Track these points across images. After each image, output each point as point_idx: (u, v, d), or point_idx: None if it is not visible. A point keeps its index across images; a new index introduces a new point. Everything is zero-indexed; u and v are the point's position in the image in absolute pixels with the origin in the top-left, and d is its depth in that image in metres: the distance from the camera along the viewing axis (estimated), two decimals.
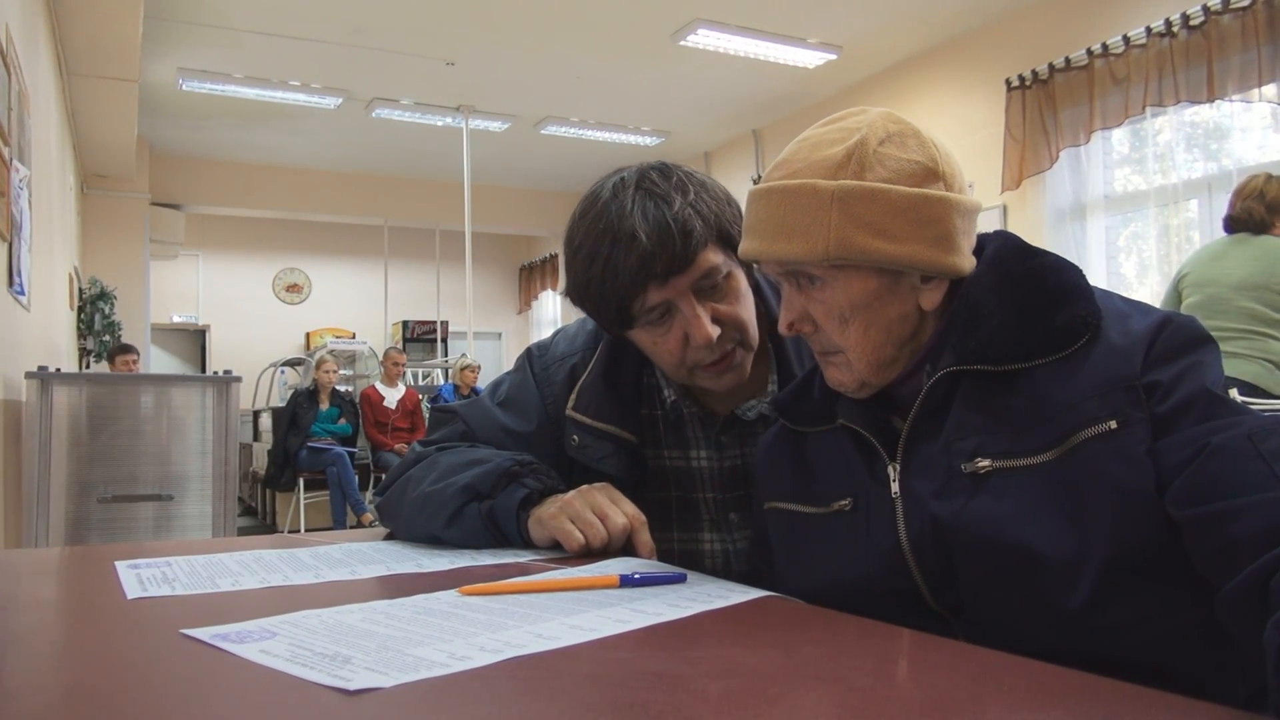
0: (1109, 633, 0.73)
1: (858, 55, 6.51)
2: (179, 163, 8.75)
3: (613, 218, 1.01)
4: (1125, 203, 5.50)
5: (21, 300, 3.45)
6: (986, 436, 0.81)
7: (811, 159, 0.84)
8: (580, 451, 1.12)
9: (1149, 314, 0.82)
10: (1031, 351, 0.81)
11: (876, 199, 0.81)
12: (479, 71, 6.76)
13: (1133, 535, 0.73)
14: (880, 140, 0.84)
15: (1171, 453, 0.74)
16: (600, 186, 1.06)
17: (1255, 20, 4.51)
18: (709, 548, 1.14)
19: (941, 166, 0.84)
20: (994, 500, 0.79)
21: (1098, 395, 0.77)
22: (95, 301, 7.08)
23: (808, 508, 0.93)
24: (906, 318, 0.86)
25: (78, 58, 5.18)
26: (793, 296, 0.88)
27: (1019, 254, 0.88)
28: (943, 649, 0.62)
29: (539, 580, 0.80)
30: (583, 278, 1.04)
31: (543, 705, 0.48)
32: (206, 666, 0.55)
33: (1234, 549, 0.66)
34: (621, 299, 1.01)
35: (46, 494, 3.44)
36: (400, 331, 10.97)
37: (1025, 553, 0.76)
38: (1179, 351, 0.78)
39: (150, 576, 0.83)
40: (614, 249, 0.99)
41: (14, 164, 3.16)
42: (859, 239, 0.81)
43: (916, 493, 0.84)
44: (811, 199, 0.82)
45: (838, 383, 0.90)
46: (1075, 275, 0.85)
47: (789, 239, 0.83)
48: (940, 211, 0.83)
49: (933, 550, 0.81)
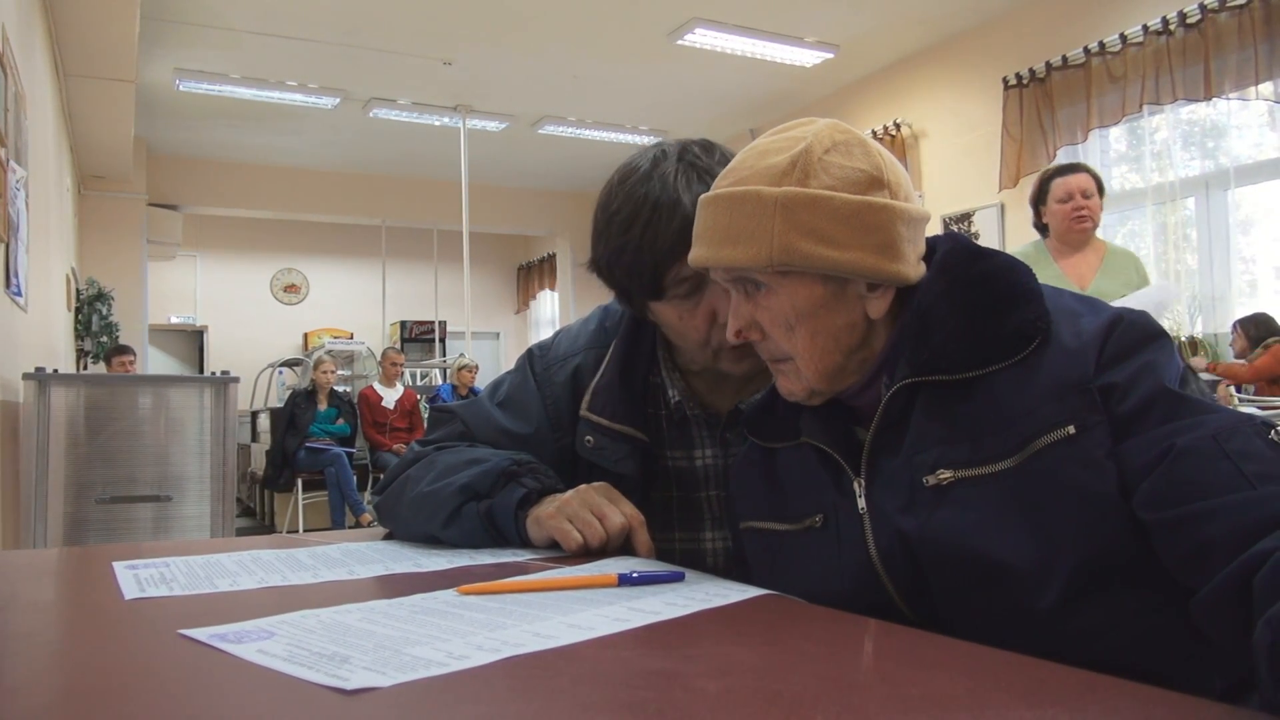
0: (1081, 636, 0.73)
1: (855, 54, 6.51)
2: (176, 163, 8.73)
3: (655, 184, 1.01)
4: (1122, 200, 5.51)
5: (19, 301, 3.45)
6: (946, 447, 0.81)
7: (758, 166, 0.85)
8: (595, 453, 1.11)
9: (1100, 312, 0.82)
10: (985, 358, 0.81)
11: (819, 205, 0.82)
12: (476, 71, 6.76)
13: (1098, 539, 0.74)
14: (825, 149, 0.84)
15: (1136, 455, 0.74)
16: (639, 158, 1.06)
17: (1252, 18, 4.52)
18: (710, 546, 1.14)
19: (886, 175, 0.85)
20: (959, 511, 0.79)
21: (1054, 400, 0.77)
22: (93, 302, 7.07)
23: (781, 525, 0.94)
24: (854, 326, 0.86)
25: (74, 58, 5.17)
26: (740, 304, 0.89)
27: (967, 257, 0.87)
28: (941, 647, 0.62)
29: (537, 579, 0.80)
30: (618, 242, 1.03)
31: (541, 704, 0.48)
32: (204, 667, 0.55)
33: (1207, 551, 0.66)
34: (658, 265, 1.00)
35: (44, 495, 3.43)
36: (398, 332, 10.96)
37: (992, 562, 0.76)
38: (1131, 350, 0.78)
39: (148, 577, 0.83)
40: (654, 213, 1.00)
41: (11, 165, 3.16)
42: (802, 245, 0.82)
43: (882, 508, 0.84)
44: (756, 205, 0.83)
45: (788, 391, 0.90)
46: (1024, 276, 0.85)
47: (734, 245, 0.84)
48: (884, 219, 0.83)
49: (903, 564, 0.82)
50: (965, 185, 6.07)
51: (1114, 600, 0.74)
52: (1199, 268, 5.15)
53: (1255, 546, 0.62)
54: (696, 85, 7.08)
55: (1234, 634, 0.61)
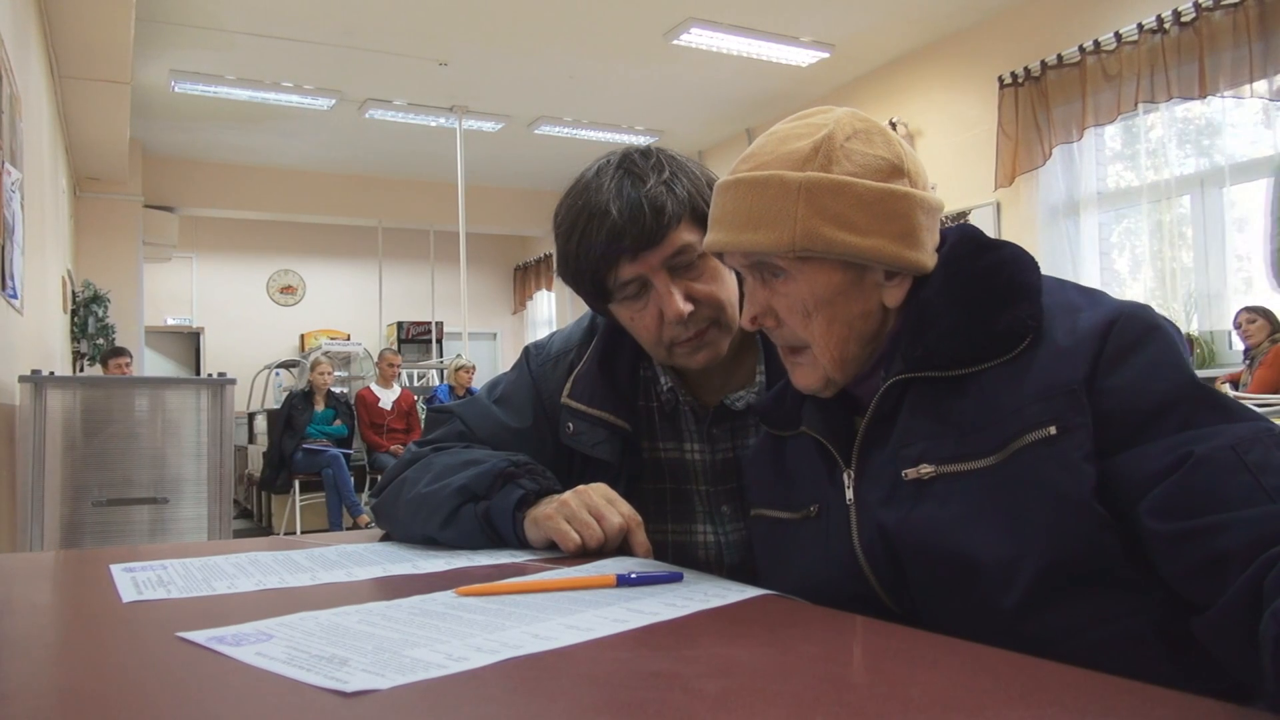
0: (1042, 639, 0.72)
1: (850, 54, 6.52)
2: (172, 165, 8.73)
3: (591, 194, 1.05)
4: (1118, 199, 5.52)
5: (14, 303, 3.44)
6: (932, 442, 0.80)
7: (779, 151, 0.84)
8: (574, 439, 1.13)
9: (1099, 306, 0.80)
10: (978, 355, 0.80)
11: (843, 191, 0.81)
12: (472, 72, 6.75)
13: (1067, 542, 0.72)
14: (847, 136, 0.84)
15: (1148, 461, 0.71)
16: (589, 168, 1.10)
17: (1246, 16, 4.53)
18: (702, 539, 1.15)
19: (906, 164, 0.85)
20: (938, 506, 0.79)
21: (1040, 400, 0.76)
22: (89, 304, 7.06)
23: (785, 513, 0.94)
24: (870, 314, 0.86)
25: (69, 60, 5.16)
26: (756, 290, 0.88)
27: (974, 250, 0.86)
28: (940, 646, 0.62)
29: (536, 580, 0.80)
30: (563, 252, 1.08)
31: (540, 706, 0.48)
32: (202, 669, 0.55)
33: (1219, 565, 0.64)
34: (596, 272, 1.05)
35: (41, 498, 3.42)
36: (395, 333, 10.96)
37: (964, 558, 0.76)
38: (1132, 348, 0.76)
39: (145, 580, 0.83)
40: (589, 224, 1.03)
41: (6, 167, 3.15)
42: (825, 230, 0.81)
43: (866, 501, 0.84)
44: (779, 190, 0.82)
45: (804, 386, 0.90)
46: (1025, 272, 0.84)
47: (755, 229, 0.83)
48: (905, 207, 0.83)
49: (883, 557, 0.82)
50: (961, 184, 6.08)
51: (1077, 605, 0.73)
52: (1194, 265, 5.16)
53: (1266, 553, 0.60)
54: (692, 85, 7.08)
55: (1243, 648, 0.59)
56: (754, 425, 1.12)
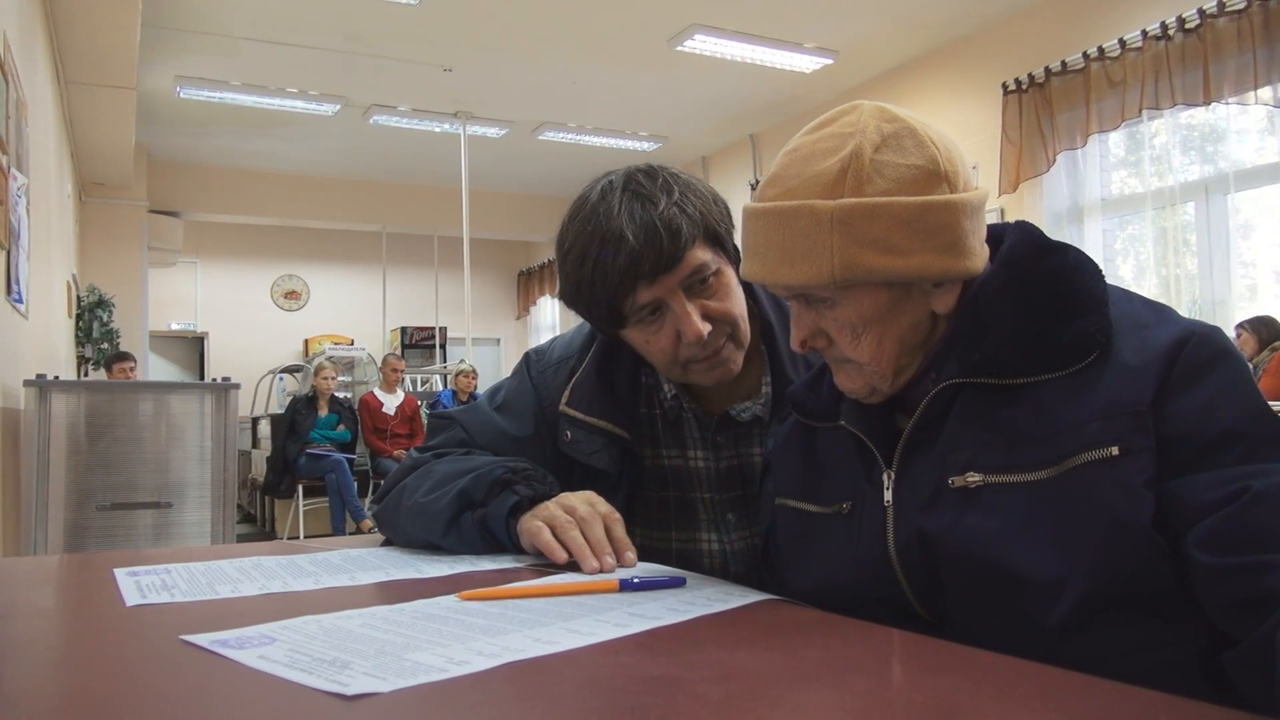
0: (1083, 660, 0.70)
1: (854, 60, 6.52)
2: (177, 170, 8.75)
3: (600, 219, 1.02)
4: (1122, 205, 5.52)
5: (20, 308, 3.45)
6: (981, 450, 0.78)
7: (805, 175, 0.80)
8: (571, 447, 1.12)
9: (1169, 324, 0.77)
10: (1037, 366, 0.77)
11: (879, 215, 0.77)
12: (476, 77, 6.77)
13: (1119, 566, 0.70)
14: (876, 147, 0.79)
15: (1204, 490, 0.69)
16: (589, 190, 1.07)
17: (1250, 23, 4.52)
18: (706, 548, 1.14)
19: (943, 166, 0.79)
20: (982, 516, 0.76)
21: (1103, 418, 0.73)
22: (93, 309, 7.07)
23: (813, 506, 0.92)
24: (919, 324, 0.83)
25: (75, 66, 5.18)
26: (803, 313, 0.85)
27: (1035, 252, 0.83)
28: (943, 652, 0.62)
29: (538, 585, 0.80)
30: (574, 279, 1.05)
31: (542, 710, 0.48)
32: (206, 672, 0.55)
33: (1265, 602, 0.61)
34: (612, 299, 1.02)
35: (45, 502, 3.43)
36: (399, 337, 10.97)
37: (1007, 571, 0.74)
38: (1202, 372, 0.73)
39: (149, 583, 0.83)
40: (603, 250, 1.01)
41: (12, 172, 3.16)
42: (864, 258, 0.77)
43: (905, 504, 0.82)
44: (810, 222, 0.78)
45: (848, 390, 0.87)
46: (1091, 280, 0.80)
47: (792, 264, 0.80)
48: (947, 218, 0.78)
49: (919, 562, 0.80)
50: None
51: (1121, 630, 0.71)
52: (1199, 272, 5.15)
53: None
54: (696, 91, 7.09)
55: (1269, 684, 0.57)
56: (758, 434, 1.12)
